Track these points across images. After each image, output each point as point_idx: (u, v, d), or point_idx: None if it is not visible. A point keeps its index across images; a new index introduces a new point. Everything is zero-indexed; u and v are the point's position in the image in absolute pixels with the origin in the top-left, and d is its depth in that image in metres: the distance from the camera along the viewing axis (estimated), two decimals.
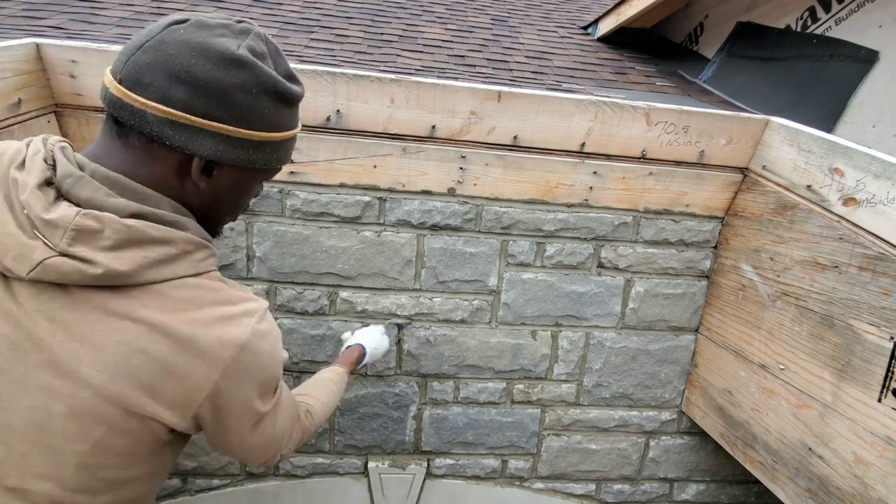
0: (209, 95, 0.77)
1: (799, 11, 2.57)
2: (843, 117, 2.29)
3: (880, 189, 1.51)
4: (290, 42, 2.53)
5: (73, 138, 1.74)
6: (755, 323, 1.92)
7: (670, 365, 2.25)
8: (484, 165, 1.94)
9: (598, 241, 2.09)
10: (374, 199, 1.95)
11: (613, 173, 2.00)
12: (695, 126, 1.96)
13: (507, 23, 3.57)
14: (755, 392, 1.91)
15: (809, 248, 1.71)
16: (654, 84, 2.79)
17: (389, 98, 1.82)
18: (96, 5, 2.66)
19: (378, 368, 2.11)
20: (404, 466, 2.23)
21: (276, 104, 0.84)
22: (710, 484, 2.47)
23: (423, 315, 2.08)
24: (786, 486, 1.78)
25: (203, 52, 0.76)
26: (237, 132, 0.80)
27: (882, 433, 1.44)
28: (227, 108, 0.79)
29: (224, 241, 1.91)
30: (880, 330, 1.47)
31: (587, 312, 2.15)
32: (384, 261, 2.01)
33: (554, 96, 1.89)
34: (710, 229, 2.12)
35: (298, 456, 2.18)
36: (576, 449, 2.32)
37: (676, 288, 2.17)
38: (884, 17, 2.20)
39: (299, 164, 1.87)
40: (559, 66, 2.85)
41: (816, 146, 1.72)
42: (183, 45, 0.76)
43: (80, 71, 1.68)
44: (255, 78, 0.80)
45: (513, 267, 2.08)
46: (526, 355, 2.17)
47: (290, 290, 1.99)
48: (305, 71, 1.76)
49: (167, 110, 0.75)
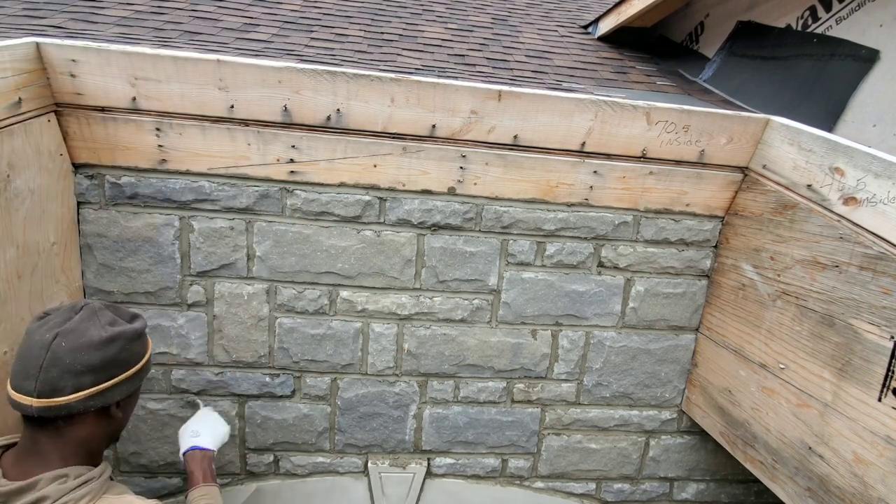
0: (105, 368, 1.16)
1: (800, 10, 2.57)
2: (844, 116, 2.29)
3: (881, 188, 1.51)
4: (290, 41, 2.53)
5: (73, 138, 1.75)
6: (755, 322, 1.92)
7: (670, 364, 2.25)
8: (484, 165, 1.94)
9: (598, 241, 2.09)
10: (375, 198, 1.95)
11: (614, 172, 2.00)
12: (695, 125, 1.96)
13: (507, 22, 3.57)
14: (755, 391, 1.91)
15: (810, 247, 1.71)
16: (654, 83, 2.79)
17: (389, 97, 1.82)
18: (96, 5, 2.66)
19: (378, 368, 2.11)
20: (404, 466, 2.24)
21: (140, 340, 1.28)
22: (710, 483, 2.47)
23: (424, 314, 2.08)
24: (786, 486, 1.78)
25: (85, 348, 1.13)
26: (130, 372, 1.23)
27: (882, 432, 1.44)
28: (116, 366, 1.19)
29: (224, 241, 1.92)
30: (880, 329, 1.47)
31: (587, 312, 2.15)
32: (384, 260, 2.01)
33: (554, 95, 1.88)
34: (710, 229, 2.12)
35: (299, 455, 2.18)
36: (576, 448, 2.32)
37: (677, 287, 2.17)
38: (884, 17, 2.20)
39: (299, 164, 1.87)
40: (559, 65, 2.85)
41: (817, 145, 1.72)
42: (70, 352, 1.12)
43: (81, 70, 1.68)
44: (125, 339, 1.21)
45: (513, 266, 2.08)
46: (526, 355, 2.17)
47: (291, 290, 1.99)
48: (305, 70, 1.76)
49: (84, 394, 1.13)
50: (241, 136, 1.82)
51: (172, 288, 1.93)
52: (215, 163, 1.84)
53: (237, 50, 2.24)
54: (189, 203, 1.87)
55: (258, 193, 1.89)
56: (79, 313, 1.19)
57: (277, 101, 1.78)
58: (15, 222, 1.51)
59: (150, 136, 1.78)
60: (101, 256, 1.87)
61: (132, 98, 1.73)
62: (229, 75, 1.74)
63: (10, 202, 1.48)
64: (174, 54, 1.70)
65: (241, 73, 1.74)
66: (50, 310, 1.23)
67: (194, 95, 1.75)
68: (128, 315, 1.30)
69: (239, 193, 1.88)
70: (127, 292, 1.92)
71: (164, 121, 1.77)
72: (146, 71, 1.70)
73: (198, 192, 1.86)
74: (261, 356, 2.05)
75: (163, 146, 1.80)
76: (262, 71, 1.75)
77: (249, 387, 2.07)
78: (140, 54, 1.69)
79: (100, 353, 1.15)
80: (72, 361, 1.11)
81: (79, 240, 1.85)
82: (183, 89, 1.74)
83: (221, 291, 1.96)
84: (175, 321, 1.96)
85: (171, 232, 1.88)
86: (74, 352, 1.12)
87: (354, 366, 2.10)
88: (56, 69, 1.66)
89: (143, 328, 1.29)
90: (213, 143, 1.81)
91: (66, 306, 1.22)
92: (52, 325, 1.15)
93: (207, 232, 1.90)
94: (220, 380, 2.04)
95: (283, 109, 1.80)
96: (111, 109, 1.74)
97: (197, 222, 1.89)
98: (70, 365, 1.11)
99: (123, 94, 1.72)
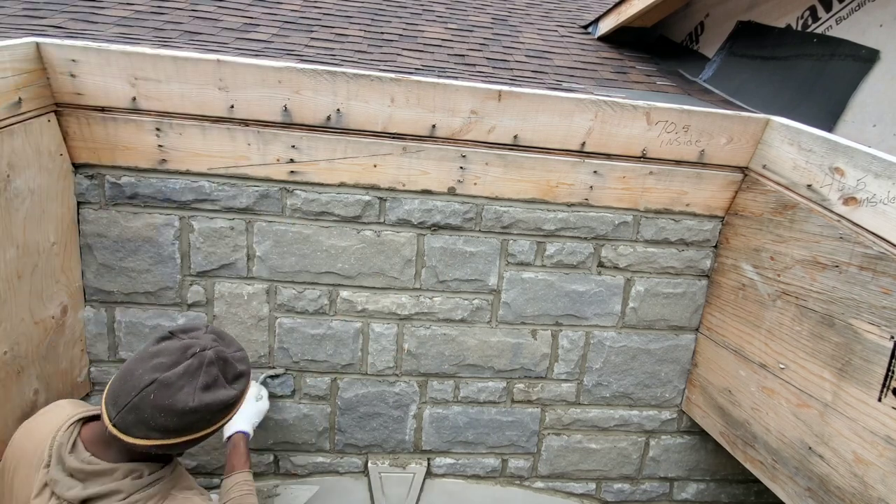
0: (177, 431, 1.19)
1: (800, 10, 2.56)
2: (844, 116, 2.29)
3: (881, 188, 1.51)
4: (290, 41, 2.53)
5: (73, 138, 1.75)
6: (755, 322, 1.92)
7: (670, 364, 2.25)
8: (484, 165, 1.94)
9: (598, 241, 2.09)
10: (375, 198, 1.95)
11: (614, 172, 2.00)
12: (695, 125, 1.96)
13: (507, 22, 3.57)
14: (755, 391, 1.91)
15: (810, 247, 1.71)
16: (654, 83, 2.78)
17: (389, 97, 1.82)
18: (96, 5, 2.66)
19: (378, 368, 2.11)
20: (404, 465, 2.24)
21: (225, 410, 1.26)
22: (710, 483, 2.47)
23: (424, 314, 2.08)
24: (786, 486, 1.78)
25: (167, 410, 1.16)
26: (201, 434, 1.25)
27: (882, 432, 1.44)
28: (189, 431, 1.21)
29: (224, 241, 1.92)
30: (880, 329, 1.47)
31: (587, 312, 2.15)
32: (384, 260, 2.01)
33: (554, 95, 1.88)
34: (710, 228, 2.12)
35: (299, 455, 2.18)
36: (576, 448, 2.32)
37: (677, 287, 2.17)
38: (884, 17, 2.20)
39: (299, 164, 1.87)
40: (559, 65, 2.85)
41: (817, 145, 1.72)
42: (154, 408, 1.15)
43: (81, 70, 1.68)
44: (209, 410, 1.21)
45: (513, 266, 2.08)
46: (526, 355, 2.17)
47: (291, 290, 1.99)
48: (305, 70, 1.76)
49: (150, 443, 1.18)
50: (241, 136, 1.82)
51: (172, 288, 1.93)
52: (215, 163, 1.84)
53: (237, 50, 2.24)
54: (189, 203, 1.87)
55: (258, 193, 1.89)
56: (187, 361, 1.20)
57: (277, 101, 1.78)
58: (15, 222, 1.51)
59: (150, 136, 1.78)
60: (101, 256, 1.87)
61: (132, 98, 1.73)
62: (229, 75, 1.74)
63: (10, 202, 1.48)
64: (174, 54, 1.70)
65: (241, 73, 1.74)
66: (175, 331, 1.28)
67: (194, 95, 1.75)
68: (233, 374, 1.29)
69: (239, 193, 1.88)
70: (127, 292, 1.92)
71: (164, 121, 1.77)
72: (146, 71, 1.70)
73: (198, 192, 1.86)
74: (261, 356, 2.05)
75: (163, 146, 1.80)
76: (262, 71, 1.75)
77: None
78: (140, 54, 1.69)
79: (178, 419, 1.18)
80: (150, 416, 1.16)
81: (79, 240, 1.85)
82: (183, 89, 1.74)
83: (221, 291, 1.96)
84: (175, 321, 1.96)
85: (171, 232, 1.88)
86: (157, 409, 1.16)
87: (354, 366, 2.10)
88: (56, 69, 1.66)
89: (236, 396, 1.29)
90: (213, 143, 1.81)
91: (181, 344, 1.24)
92: (155, 368, 1.18)
93: (207, 232, 1.90)
94: None
95: (283, 109, 1.80)
96: (111, 109, 1.74)
97: (197, 222, 1.89)
98: (148, 419, 1.16)
99: (123, 94, 1.72)
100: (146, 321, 1.95)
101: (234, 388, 1.28)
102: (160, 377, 1.17)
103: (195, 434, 1.23)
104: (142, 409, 1.15)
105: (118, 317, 1.94)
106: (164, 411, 1.16)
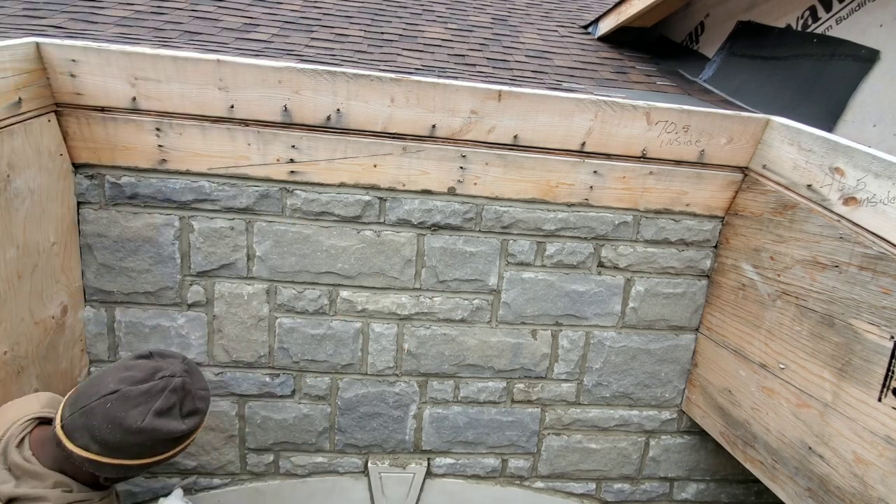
0: (116, 450, 1.20)
1: (800, 10, 2.56)
2: (844, 116, 2.29)
3: (881, 188, 1.51)
4: (290, 41, 2.53)
5: (73, 138, 1.75)
6: (755, 322, 1.92)
7: (670, 364, 2.25)
8: (484, 165, 1.94)
9: (598, 241, 2.09)
10: (375, 198, 1.95)
11: (614, 172, 2.00)
12: (695, 125, 1.96)
13: (507, 22, 3.57)
14: (755, 391, 1.91)
15: (810, 247, 1.71)
16: (654, 83, 2.78)
17: (389, 97, 1.82)
18: (96, 5, 2.66)
19: (378, 368, 2.11)
20: (404, 466, 2.24)
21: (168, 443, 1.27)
22: (710, 483, 2.47)
23: (424, 314, 2.08)
24: (786, 486, 1.78)
25: (115, 424, 1.18)
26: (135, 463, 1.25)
27: (882, 432, 1.44)
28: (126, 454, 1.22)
29: (224, 241, 1.92)
30: (880, 329, 1.47)
31: (587, 312, 2.15)
32: (384, 260, 2.01)
33: (554, 95, 1.88)
34: (710, 229, 2.12)
35: (299, 455, 2.18)
36: (576, 448, 2.32)
37: (676, 287, 2.17)
38: (884, 17, 2.20)
39: (299, 164, 1.87)
40: (559, 65, 2.85)
41: (817, 145, 1.72)
42: (104, 418, 1.18)
43: (81, 70, 1.68)
44: (153, 437, 1.22)
45: (513, 266, 2.08)
46: (526, 355, 2.17)
47: (291, 290, 1.99)
48: (305, 70, 1.76)
49: (86, 455, 1.18)
50: (241, 136, 1.82)
51: (172, 288, 1.93)
52: (215, 163, 1.84)
53: (237, 50, 2.24)
54: (189, 203, 1.87)
55: (258, 193, 1.89)
56: (153, 381, 1.24)
57: (277, 101, 1.78)
58: (15, 222, 1.51)
59: (149, 136, 1.78)
60: (101, 256, 1.87)
61: (132, 98, 1.73)
62: (229, 75, 1.74)
63: (10, 202, 1.48)
64: (174, 54, 1.70)
65: (241, 73, 1.74)
66: (154, 352, 1.32)
67: (194, 95, 1.75)
68: (189, 408, 1.31)
69: (239, 193, 1.88)
70: (127, 292, 1.92)
71: (164, 121, 1.77)
72: (146, 71, 1.70)
73: (198, 192, 1.86)
74: (261, 356, 2.05)
75: (163, 146, 1.80)
76: (262, 71, 1.75)
77: (249, 387, 2.07)
78: (140, 54, 1.69)
79: (121, 435, 1.19)
80: (98, 425, 1.18)
81: (79, 240, 1.85)
82: (183, 89, 1.74)
83: (221, 291, 1.96)
84: (175, 321, 1.96)
85: (171, 232, 1.88)
86: (107, 419, 1.18)
87: (354, 366, 2.10)
88: (56, 69, 1.66)
89: (184, 432, 1.29)
90: (213, 143, 1.81)
91: (154, 365, 1.28)
92: (123, 380, 1.22)
93: (207, 232, 1.90)
94: (220, 380, 2.04)
95: (283, 109, 1.80)
96: (111, 109, 1.74)
97: (197, 222, 1.89)
98: (95, 427, 1.18)
99: (123, 94, 1.72)
100: (146, 321, 1.95)
101: (185, 422, 1.30)
102: (123, 389, 1.21)
103: (131, 460, 1.24)
104: (94, 414, 1.18)
105: (118, 317, 1.94)
106: (112, 423, 1.18)
